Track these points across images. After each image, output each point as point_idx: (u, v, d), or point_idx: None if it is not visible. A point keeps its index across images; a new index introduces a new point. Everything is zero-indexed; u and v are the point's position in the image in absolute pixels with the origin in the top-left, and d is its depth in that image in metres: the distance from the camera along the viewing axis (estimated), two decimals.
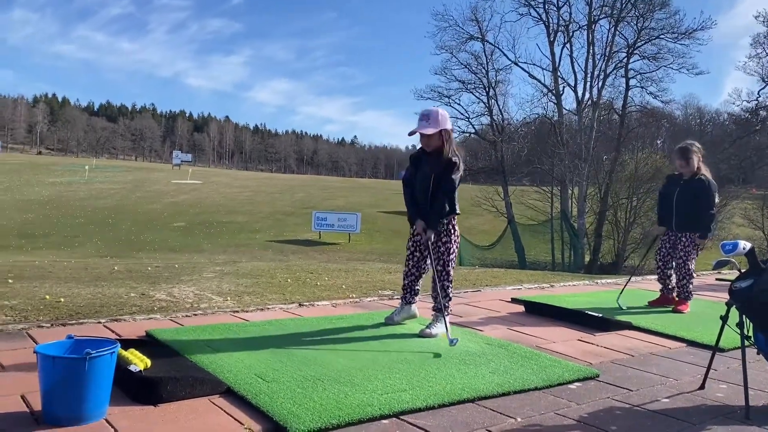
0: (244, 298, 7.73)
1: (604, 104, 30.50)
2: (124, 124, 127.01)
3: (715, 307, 5.36)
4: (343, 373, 2.95)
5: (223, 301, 7.49)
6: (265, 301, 7.33)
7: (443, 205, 3.85)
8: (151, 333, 3.58)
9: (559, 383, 3.06)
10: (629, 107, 30.98)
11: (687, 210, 5.00)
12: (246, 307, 4.89)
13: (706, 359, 3.54)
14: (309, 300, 5.51)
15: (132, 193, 45.76)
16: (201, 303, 7.40)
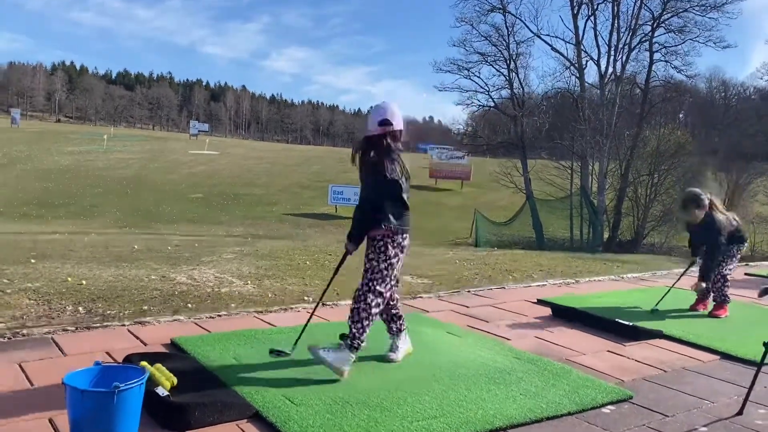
0: (264, 282, 7.74)
1: (627, 78, 29.90)
2: (141, 93, 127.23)
3: (746, 310, 5.26)
4: (372, 395, 2.90)
5: (243, 285, 7.51)
6: (285, 286, 7.33)
7: (355, 216, 3.41)
8: (176, 342, 3.54)
9: (592, 407, 2.98)
10: (653, 82, 30.33)
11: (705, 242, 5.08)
12: (269, 307, 4.85)
13: (741, 375, 3.46)
14: (331, 299, 5.46)
15: (150, 163, 45.97)
16: (222, 287, 7.42)
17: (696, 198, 5.01)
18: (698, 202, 4.97)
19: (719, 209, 5.05)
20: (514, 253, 13.15)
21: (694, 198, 5.02)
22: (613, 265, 11.18)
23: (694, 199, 5.00)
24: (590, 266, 10.50)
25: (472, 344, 3.83)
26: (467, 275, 8.66)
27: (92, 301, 6.18)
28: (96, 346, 3.52)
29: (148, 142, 62.03)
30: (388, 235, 3.33)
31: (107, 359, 3.32)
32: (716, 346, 4.07)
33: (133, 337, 3.75)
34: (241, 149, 60.91)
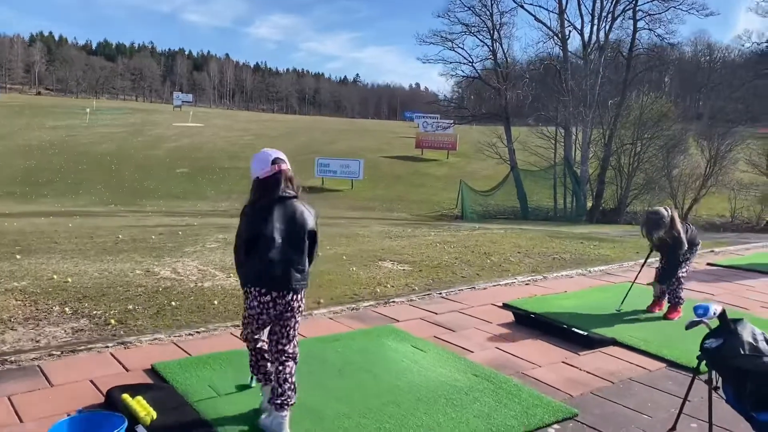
0: None
1: (611, 47, 29.93)
2: (123, 64, 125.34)
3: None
4: (336, 423, 3.16)
5: (226, 278, 7.74)
6: None
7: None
8: (156, 369, 3.78)
9: (538, 427, 3.27)
10: (636, 50, 30.39)
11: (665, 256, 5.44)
12: None
13: (683, 385, 3.74)
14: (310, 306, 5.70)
15: (134, 137, 45.65)
16: (205, 281, 7.66)
17: (659, 221, 5.23)
18: (660, 223, 5.21)
19: (677, 222, 5.30)
20: (494, 233, 13.40)
21: (657, 221, 5.24)
22: (589, 244, 11.48)
23: (657, 222, 5.23)
24: (566, 246, 10.80)
25: (435, 360, 4.10)
26: (447, 260, 8.93)
27: (78, 301, 6.39)
28: (81, 374, 3.75)
29: (132, 114, 61.40)
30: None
31: (91, 389, 3.55)
32: (664, 353, 4.37)
33: (116, 362, 3.98)
34: (226, 120, 60.51)
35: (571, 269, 7.48)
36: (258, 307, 3.00)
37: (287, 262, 3.01)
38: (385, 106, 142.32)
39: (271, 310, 3.01)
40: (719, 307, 3.06)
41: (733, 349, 2.97)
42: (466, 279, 7.52)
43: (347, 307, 5.40)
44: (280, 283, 2.99)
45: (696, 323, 3.10)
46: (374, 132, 53.70)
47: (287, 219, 3.06)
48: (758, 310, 5.73)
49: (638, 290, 6.27)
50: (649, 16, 29.20)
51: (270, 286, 2.98)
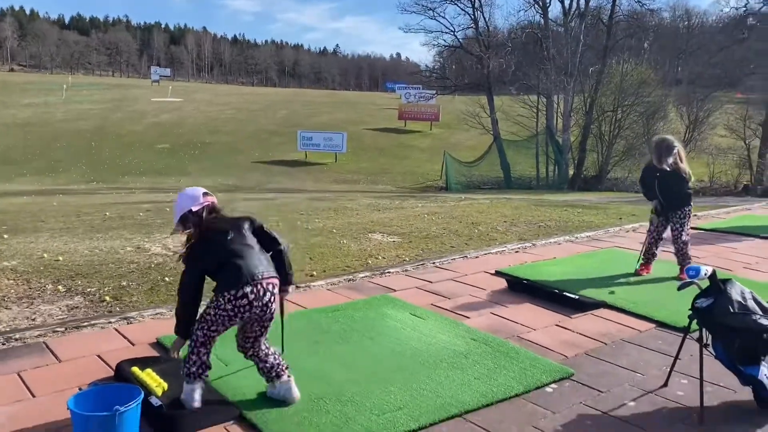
0: None
1: (591, 13, 29.91)
2: (97, 38, 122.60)
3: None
4: (344, 389, 3.26)
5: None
6: None
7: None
8: (161, 342, 3.85)
9: (536, 387, 3.40)
10: (616, 16, 30.40)
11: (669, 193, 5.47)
12: None
13: (672, 344, 3.89)
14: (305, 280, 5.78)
15: (112, 113, 44.97)
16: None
17: (671, 146, 5.36)
18: (672, 147, 5.33)
19: (683, 161, 5.43)
20: (480, 203, 13.54)
21: (669, 146, 5.35)
22: (573, 211, 11.66)
23: (670, 147, 5.34)
24: (551, 214, 10.98)
25: (434, 327, 4.21)
26: (435, 231, 9.05)
27: (71, 279, 6.42)
28: (87, 350, 3.81)
29: (110, 90, 60.38)
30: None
31: (100, 364, 3.62)
32: (653, 314, 4.52)
33: (120, 337, 4.04)
34: (206, 95, 59.71)
35: (558, 236, 7.63)
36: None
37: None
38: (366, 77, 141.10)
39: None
40: (710, 269, 3.19)
41: (723, 308, 3.11)
42: (455, 249, 7.64)
43: (344, 278, 5.48)
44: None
45: (688, 284, 3.23)
46: (356, 104, 53.39)
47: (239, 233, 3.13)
48: (741, 270, 5.91)
49: (625, 255, 6.43)
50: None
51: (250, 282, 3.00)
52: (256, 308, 3.00)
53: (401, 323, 4.27)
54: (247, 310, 2.99)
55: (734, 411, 3.22)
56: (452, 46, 31.39)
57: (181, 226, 3.13)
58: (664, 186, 5.46)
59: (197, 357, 3.04)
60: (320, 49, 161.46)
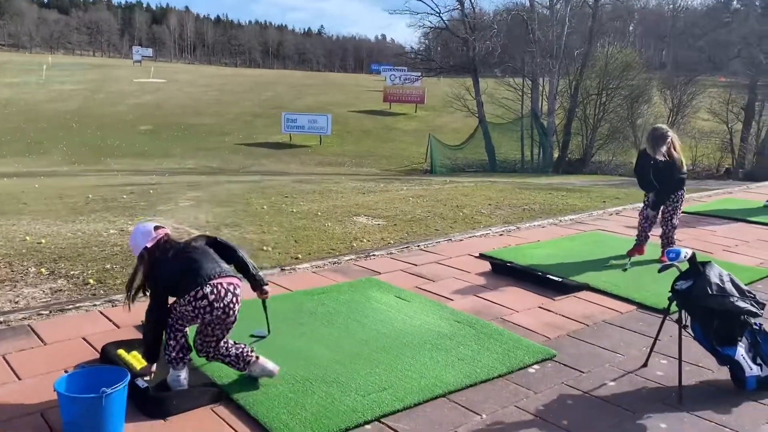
0: (222, 232, 8.00)
1: None
2: (77, 17, 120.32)
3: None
4: (329, 370, 3.30)
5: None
6: (243, 235, 7.63)
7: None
8: None
9: (519, 367, 3.46)
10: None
11: (664, 181, 5.54)
12: None
13: (652, 325, 3.96)
14: (290, 262, 5.80)
15: (94, 94, 44.37)
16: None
17: (664, 134, 5.44)
18: (666, 136, 5.41)
19: (678, 143, 5.50)
20: (465, 186, 13.59)
21: (663, 134, 5.44)
22: (557, 194, 11.75)
23: (663, 135, 5.42)
24: (535, 197, 11.06)
25: (418, 309, 4.25)
26: (420, 213, 9.09)
27: (54, 262, 6.38)
28: (72, 332, 3.80)
29: (91, 70, 59.45)
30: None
31: (85, 346, 3.62)
32: (634, 296, 4.60)
33: (105, 320, 4.03)
34: (189, 75, 59.03)
35: (542, 219, 7.69)
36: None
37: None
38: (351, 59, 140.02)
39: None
40: (689, 251, 3.25)
41: (702, 290, 3.17)
42: (440, 232, 7.69)
43: (329, 261, 5.50)
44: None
45: (668, 266, 3.29)
46: (341, 86, 53.08)
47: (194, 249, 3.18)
48: (720, 253, 6.01)
49: (608, 238, 6.51)
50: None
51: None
52: (217, 309, 2.99)
53: (386, 305, 4.31)
54: (208, 311, 2.98)
55: (712, 390, 3.30)
56: (438, 27, 31.23)
57: (141, 263, 3.12)
58: (659, 174, 5.53)
59: (175, 342, 3.07)
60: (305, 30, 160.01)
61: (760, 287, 4.98)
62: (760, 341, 3.23)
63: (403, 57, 47.55)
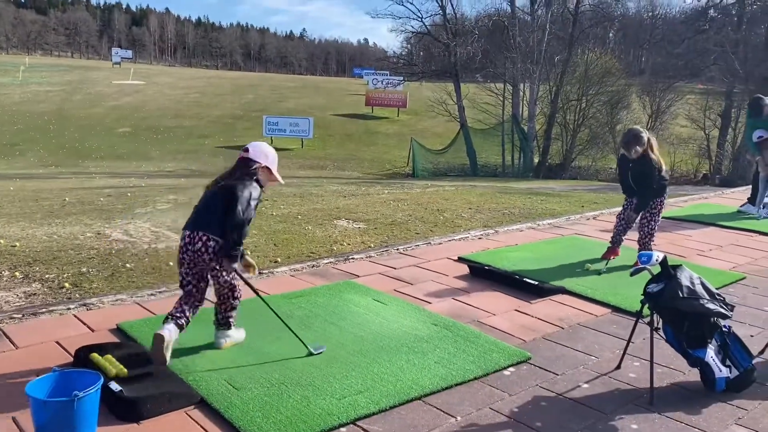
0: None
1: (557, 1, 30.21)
2: (55, 17, 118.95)
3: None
4: (305, 374, 3.30)
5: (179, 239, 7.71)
6: None
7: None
8: (122, 328, 3.83)
9: (495, 370, 3.48)
10: (582, 5, 30.76)
11: (640, 183, 5.56)
12: None
13: (627, 328, 4.01)
14: (268, 265, 5.79)
15: (72, 95, 43.87)
16: (158, 242, 7.63)
17: (638, 135, 5.45)
18: (640, 137, 5.43)
19: (655, 146, 5.54)
20: (446, 190, 13.65)
21: (636, 135, 5.45)
22: (537, 198, 11.85)
23: (637, 137, 5.43)
24: (515, 201, 11.14)
25: (396, 312, 4.27)
26: (401, 217, 9.11)
27: (28, 265, 6.31)
28: (46, 336, 3.76)
29: (68, 72, 58.79)
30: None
31: (58, 350, 3.58)
32: (609, 300, 4.66)
33: (80, 323, 3.99)
34: (169, 78, 58.57)
35: (520, 223, 7.75)
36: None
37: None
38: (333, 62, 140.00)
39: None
40: (661, 255, 3.30)
41: (673, 293, 3.22)
42: (420, 235, 7.72)
43: (307, 264, 5.50)
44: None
45: (640, 270, 3.34)
46: (323, 89, 53.02)
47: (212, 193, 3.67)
48: (695, 257, 6.11)
49: (585, 242, 6.58)
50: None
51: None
52: (187, 252, 3.44)
53: (364, 309, 4.32)
54: (182, 251, 3.48)
55: (683, 392, 3.36)
56: (420, 32, 31.41)
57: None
58: (635, 176, 5.55)
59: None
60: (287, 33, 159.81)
61: (732, 290, 5.07)
62: (729, 343, 3.29)
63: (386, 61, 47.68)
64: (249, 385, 3.15)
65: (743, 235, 7.17)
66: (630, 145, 5.42)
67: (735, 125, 28.91)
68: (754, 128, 8.13)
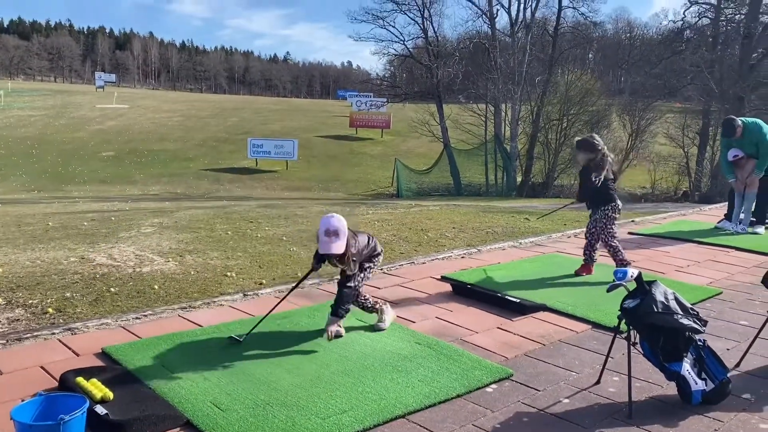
0: (186, 258, 7.96)
1: (537, 24, 30.77)
2: (39, 42, 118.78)
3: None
4: (290, 394, 3.33)
5: (165, 263, 7.71)
6: (207, 261, 7.60)
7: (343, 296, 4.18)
8: (107, 352, 3.84)
9: (478, 387, 3.54)
10: (561, 27, 31.35)
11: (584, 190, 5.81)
12: (193, 302, 5.14)
13: (606, 344, 4.08)
14: (253, 288, 5.82)
15: (55, 120, 43.71)
16: (143, 266, 7.61)
17: (590, 140, 5.66)
18: (591, 143, 5.61)
19: (608, 158, 5.67)
20: (430, 210, 13.75)
21: (588, 141, 5.66)
22: (520, 217, 11.97)
23: (589, 142, 5.64)
24: (498, 220, 11.25)
25: (380, 332, 4.32)
26: (385, 237, 9.17)
27: (11, 291, 6.28)
28: (30, 361, 3.76)
29: (51, 96, 58.62)
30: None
31: (43, 375, 3.59)
32: (589, 316, 4.74)
33: (65, 348, 4.00)
34: (153, 101, 58.59)
35: (503, 242, 7.84)
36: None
37: None
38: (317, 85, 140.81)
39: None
40: (636, 271, 3.40)
41: (648, 308, 3.31)
42: (404, 255, 7.78)
43: (292, 285, 5.52)
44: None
45: (616, 286, 3.42)
46: (307, 111, 53.27)
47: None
48: (673, 273, 6.22)
49: (566, 259, 6.68)
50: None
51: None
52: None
53: (348, 329, 4.36)
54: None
55: (660, 405, 3.43)
56: (402, 55, 31.79)
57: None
58: (581, 182, 5.80)
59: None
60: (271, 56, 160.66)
61: (709, 305, 5.17)
62: (704, 356, 3.37)
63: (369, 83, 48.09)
64: (234, 406, 3.18)
65: (720, 250, 7.31)
66: (580, 150, 5.68)
67: (713, 143, 29.44)
68: (728, 147, 8.33)
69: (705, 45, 32.18)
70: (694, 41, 33.64)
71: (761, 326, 4.06)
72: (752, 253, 7.14)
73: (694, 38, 33.73)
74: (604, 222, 5.77)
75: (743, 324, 4.76)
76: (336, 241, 3.95)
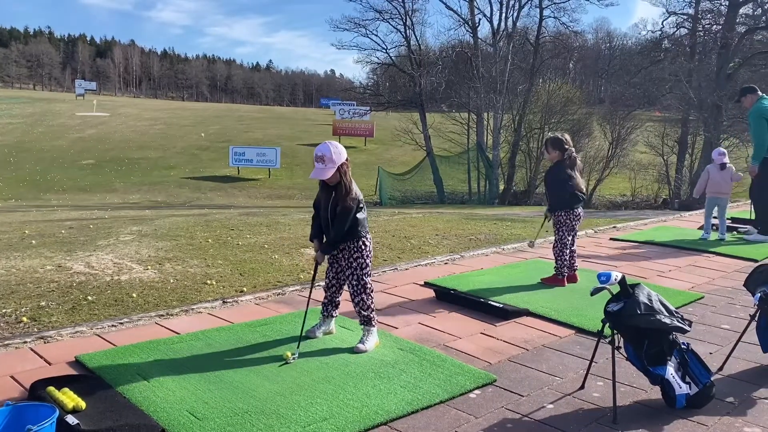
0: (165, 266, 7.83)
1: (519, 33, 30.99)
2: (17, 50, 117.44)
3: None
4: (269, 403, 3.25)
5: (143, 271, 7.57)
6: (187, 269, 7.48)
7: (337, 234, 4.04)
8: (80, 360, 3.73)
9: (461, 393, 3.48)
10: (543, 37, 31.61)
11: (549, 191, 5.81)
12: (171, 309, 5.04)
13: (590, 348, 4.06)
14: (233, 294, 5.72)
15: (33, 128, 43.18)
16: (121, 274, 7.47)
17: (557, 138, 5.63)
18: (558, 142, 5.58)
19: (577, 162, 5.64)
20: (413, 217, 13.71)
21: (556, 138, 5.64)
22: (502, 224, 11.98)
23: (556, 140, 5.61)
24: (481, 227, 11.24)
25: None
26: None
27: None
28: (0, 371, 3.64)
29: (31, 104, 57.94)
30: (364, 238, 4.16)
31: (13, 385, 3.47)
32: (573, 321, 4.71)
33: (36, 357, 3.88)
34: (134, 109, 58.13)
35: (486, 248, 7.82)
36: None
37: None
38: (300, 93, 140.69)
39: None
40: (619, 274, 3.37)
41: (632, 310, 3.28)
42: (387, 261, 7.71)
43: (273, 292, 5.45)
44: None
45: (600, 289, 3.39)
46: (290, 119, 53.16)
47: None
48: (655, 278, 6.23)
49: (548, 265, 6.66)
50: (555, 5, 30.49)
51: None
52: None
53: (330, 335, 4.29)
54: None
55: (644, 410, 3.40)
56: (385, 63, 31.83)
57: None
58: (548, 187, 5.83)
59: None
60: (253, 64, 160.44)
61: (690, 310, 5.17)
62: (688, 360, 3.35)
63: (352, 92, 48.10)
64: (212, 414, 3.09)
65: (701, 256, 7.35)
66: (547, 148, 5.66)
67: (692, 151, 29.79)
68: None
69: (683, 55, 32.62)
70: (673, 51, 34.10)
71: (743, 330, 4.06)
72: (732, 258, 7.19)
73: (673, 48, 34.19)
74: (559, 227, 5.77)
75: (725, 328, 4.76)
76: (322, 167, 3.91)
